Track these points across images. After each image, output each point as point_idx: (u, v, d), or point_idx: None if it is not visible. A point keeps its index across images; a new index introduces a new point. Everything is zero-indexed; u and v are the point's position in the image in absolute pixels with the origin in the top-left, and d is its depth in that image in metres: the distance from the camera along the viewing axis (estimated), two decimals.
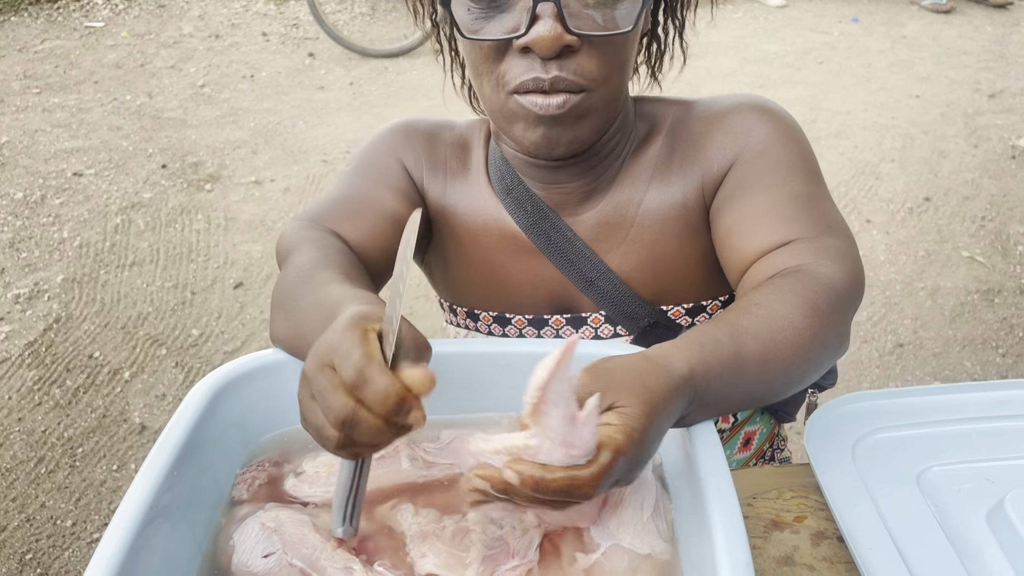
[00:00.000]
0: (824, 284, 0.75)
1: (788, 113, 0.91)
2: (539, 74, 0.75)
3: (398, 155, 0.97)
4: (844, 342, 0.76)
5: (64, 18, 5.63)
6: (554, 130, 0.78)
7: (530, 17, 0.72)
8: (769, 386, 0.70)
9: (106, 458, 2.32)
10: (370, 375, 0.54)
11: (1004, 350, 2.67)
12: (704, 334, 0.68)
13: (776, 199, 0.84)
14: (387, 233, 0.90)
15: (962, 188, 3.55)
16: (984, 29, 5.45)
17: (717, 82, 4.61)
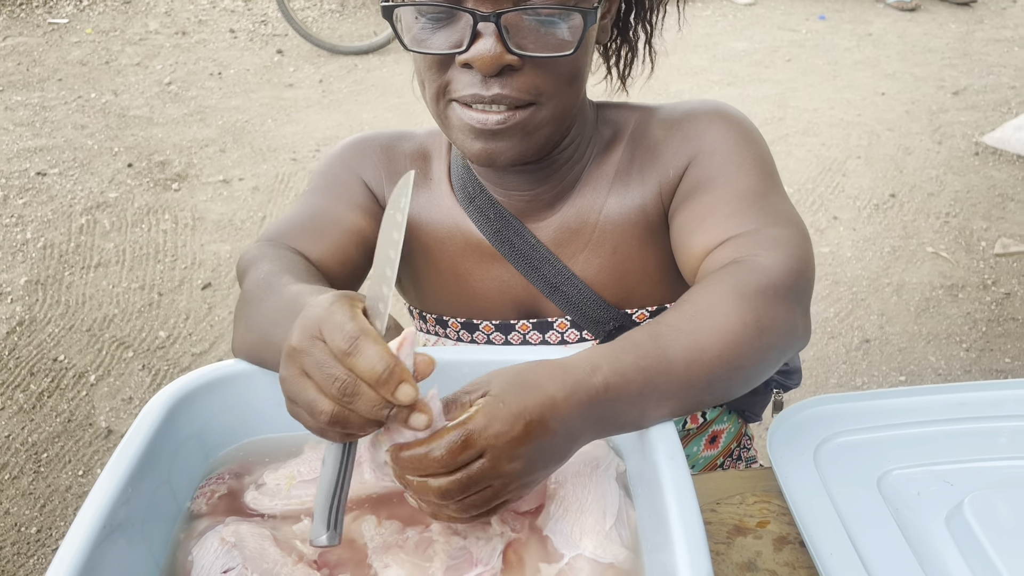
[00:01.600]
0: (756, 271, 0.74)
1: (744, 116, 0.91)
2: (479, 91, 0.74)
3: (356, 171, 0.97)
4: (794, 329, 0.74)
5: (27, 15, 5.53)
6: (493, 143, 0.78)
7: (472, 34, 0.71)
8: (709, 375, 0.68)
9: (71, 463, 2.29)
10: (363, 344, 0.55)
11: (968, 345, 2.72)
12: (623, 337, 0.69)
13: (723, 196, 0.84)
14: (347, 249, 0.90)
15: (927, 184, 3.60)
16: (948, 27, 5.53)
17: (687, 80, 4.64)
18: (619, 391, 0.64)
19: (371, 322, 0.58)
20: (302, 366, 0.57)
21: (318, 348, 0.56)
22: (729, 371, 0.69)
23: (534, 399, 0.59)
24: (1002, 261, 3.11)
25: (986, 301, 2.91)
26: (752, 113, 4.23)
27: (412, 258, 1.00)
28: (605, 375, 0.64)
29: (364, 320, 0.57)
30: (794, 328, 0.74)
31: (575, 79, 0.79)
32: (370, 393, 0.55)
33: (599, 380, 0.63)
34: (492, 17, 0.71)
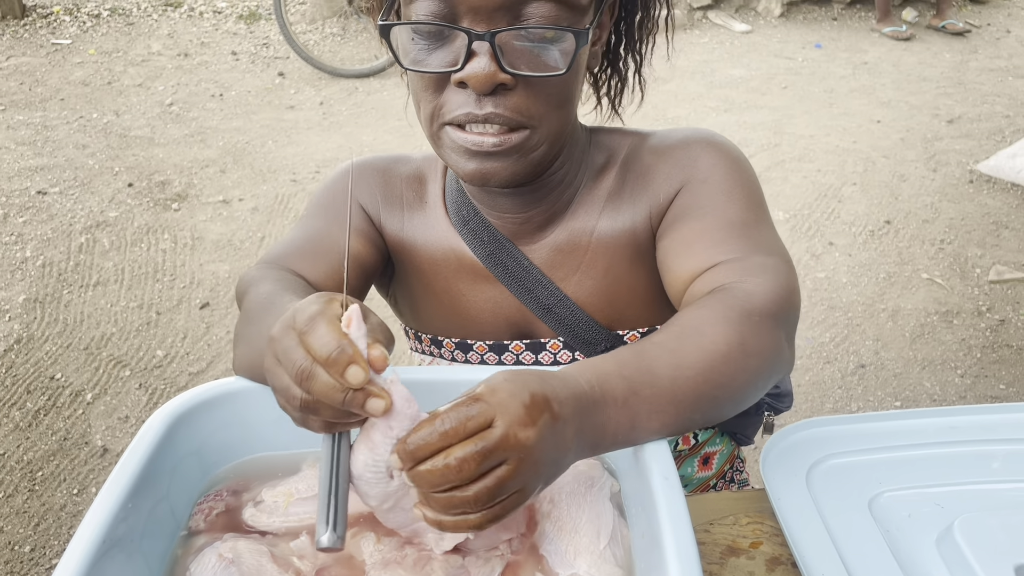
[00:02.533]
0: (742, 296, 0.76)
1: (734, 146, 0.93)
2: (472, 109, 0.76)
3: (354, 194, 0.99)
4: (780, 355, 0.76)
5: (31, 35, 5.58)
6: (487, 164, 0.79)
7: (466, 53, 0.73)
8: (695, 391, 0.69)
9: (66, 482, 2.28)
10: (317, 324, 0.56)
11: (963, 371, 2.73)
12: (611, 354, 0.70)
13: (711, 224, 0.86)
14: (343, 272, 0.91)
15: (922, 211, 3.63)
16: (943, 56, 5.59)
17: (684, 106, 4.68)
18: (603, 394, 0.65)
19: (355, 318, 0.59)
20: (275, 353, 0.59)
21: (288, 335, 0.58)
22: (715, 390, 0.70)
23: (535, 383, 0.60)
24: (996, 288, 3.13)
25: (981, 328, 2.92)
26: (748, 139, 4.27)
27: (407, 279, 1.02)
28: (588, 378, 0.65)
29: (333, 307, 0.58)
30: (779, 353, 0.76)
31: (566, 101, 0.81)
32: (323, 375, 0.56)
33: (584, 381, 0.64)
34: (487, 36, 0.72)
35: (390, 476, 0.61)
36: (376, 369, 0.58)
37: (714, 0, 6.12)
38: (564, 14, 0.75)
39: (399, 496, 0.63)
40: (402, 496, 0.63)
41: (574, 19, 0.76)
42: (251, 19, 5.97)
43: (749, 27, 6.00)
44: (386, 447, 0.60)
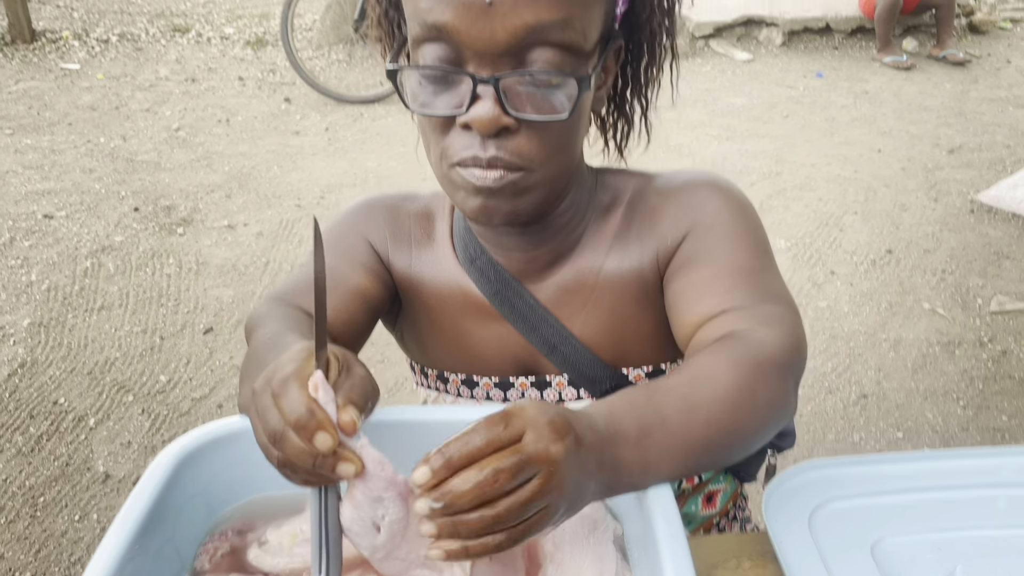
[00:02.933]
0: (753, 345, 0.77)
1: (739, 190, 0.95)
2: (478, 152, 0.77)
3: (362, 231, 1.00)
4: (787, 403, 0.77)
5: (40, 59, 5.64)
6: (491, 201, 0.81)
7: (471, 96, 0.75)
8: (705, 438, 0.70)
9: (68, 508, 2.28)
10: (289, 387, 0.58)
11: (965, 402, 2.73)
12: (620, 394, 0.71)
13: (719, 270, 0.87)
14: (351, 308, 0.92)
15: (923, 241, 3.64)
16: (943, 86, 5.63)
17: (686, 134, 4.71)
18: (618, 432, 0.66)
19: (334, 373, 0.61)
20: (255, 409, 0.61)
21: (265, 393, 0.59)
22: (724, 436, 0.71)
23: (553, 406, 0.61)
24: (998, 319, 3.13)
25: (983, 359, 2.92)
26: (750, 167, 4.30)
27: (415, 315, 1.02)
28: (603, 415, 0.66)
29: (306, 367, 0.59)
30: (787, 402, 0.77)
31: (568, 144, 0.82)
32: (294, 438, 0.57)
33: (599, 418, 0.65)
34: (491, 80, 0.74)
35: (376, 530, 0.63)
36: (346, 433, 0.59)
37: (716, 29, 6.18)
38: (568, 59, 0.76)
39: (390, 548, 0.64)
40: (394, 547, 0.64)
41: (577, 64, 0.78)
42: (258, 45, 6.03)
43: (751, 56, 6.05)
44: (368, 505, 0.61)
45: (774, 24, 6.21)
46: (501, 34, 0.73)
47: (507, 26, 0.72)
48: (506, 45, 0.73)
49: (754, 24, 6.27)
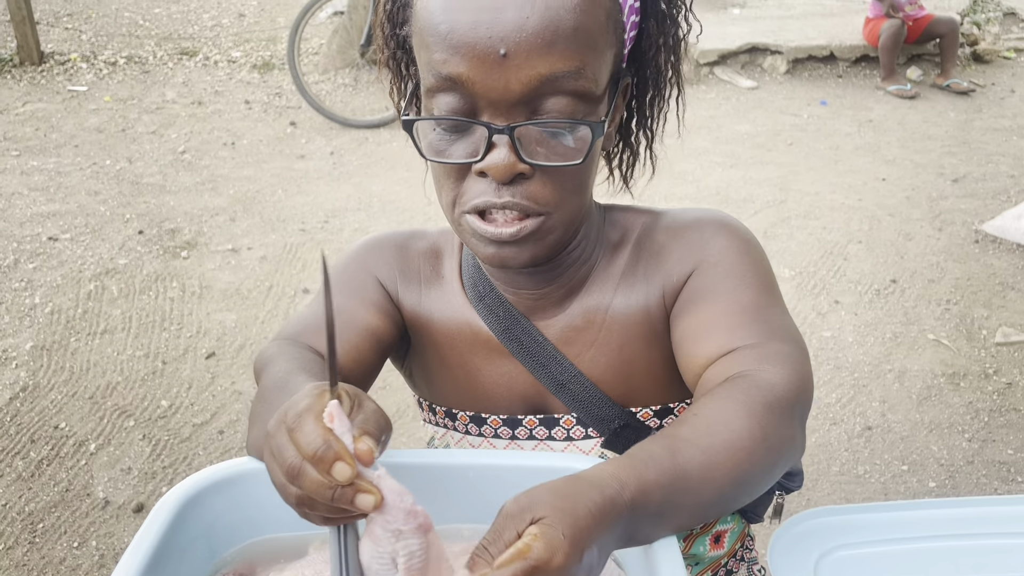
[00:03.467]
0: (764, 387, 0.77)
1: (745, 228, 0.95)
2: (492, 197, 0.78)
3: (371, 269, 1.00)
4: (795, 444, 0.77)
5: (48, 81, 5.68)
6: (505, 250, 0.82)
7: (487, 145, 0.76)
8: (720, 492, 0.70)
9: (67, 534, 2.27)
10: (304, 420, 0.58)
11: (970, 435, 2.71)
12: (640, 449, 0.69)
13: (725, 308, 0.87)
14: (360, 347, 0.92)
15: (927, 271, 3.64)
16: (947, 115, 5.65)
17: (690, 161, 4.73)
18: (643, 509, 0.65)
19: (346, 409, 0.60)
20: (270, 449, 0.60)
21: (280, 431, 0.59)
22: (737, 487, 0.71)
23: (585, 524, 0.59)
24: (1003, 350, 3.12)
25: (988, 391, 2.91)
26: (754, 195, 4.31)
27: (424, 352, 1.02)
28: (632, 492, 0.64)
29: (319, 402, 0.59)
30: (795, 443, 0.77)
31: (582, 187, 0.83)
32: (312, 472, 0.57)
33: (628, 497, 0.64)
34: (506, 130, 0.75)
35: (395, 566, 0.62)
36: (363, 463, 0.58)
37: (721, 56, 6.22)
38: (581, 106, 0.77)
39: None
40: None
41: (589, 110, 0.78)
42: (265, 69, 6.08)
43: (755, 83, 6.08)
44: (387, 540, 0.60)
45: (778, 52, 6.25)
46: (515, 85, 0.74)
47: (521, 77, 0.73)
48: (520, 95, 0.74)
49: (758, 52, 6.31)
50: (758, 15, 7.08)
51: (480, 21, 0.73)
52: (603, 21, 0.77)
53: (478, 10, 0.73)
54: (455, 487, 0.79)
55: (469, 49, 0.73)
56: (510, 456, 0.83)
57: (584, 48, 0.75)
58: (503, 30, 0.72)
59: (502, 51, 0.73)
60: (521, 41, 0.72)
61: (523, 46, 0.73)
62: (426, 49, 0.77)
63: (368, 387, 0.96)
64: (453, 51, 0.74)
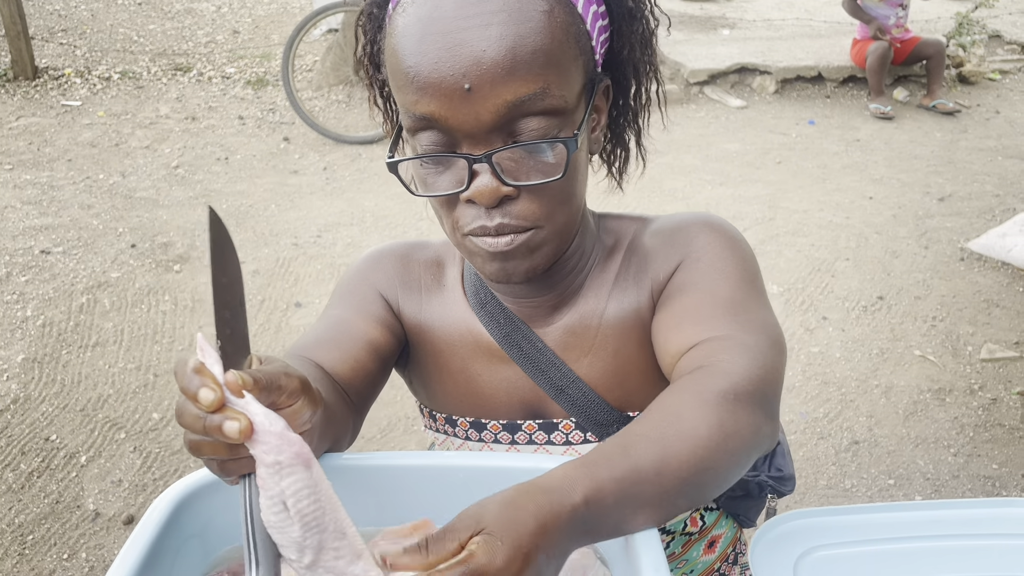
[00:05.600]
0: (719, 376, 0.78)
1: (732, 226, 0.97)
2: (484, 222, 0.82)
3: (371, 282, 1.03)
4: (760, 432, 0.77)
5: (41, 96, 5.70)
6: (508, 263, 0.85)
7: (469, 174, 0.80)
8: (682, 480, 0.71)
9: (57, 546, 2.27)
10: (183, 363, 0.59)
11: (956, 450, 2.74)
12: (595, 450, 0.71)
13: (701, 301, 0.89)
14: (360, 358, 0.94)
15: (914, 288, 3.68)
16: (934, 135, 5.73)
17: (680, 178, 4.77)
18: (597, 504, 0.67)
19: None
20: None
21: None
22: (699, 475, 0.72)
23: (527, 531, 0.61)
24: (988, 366, 3.16)
25: (973, 406, 2.94)
26: (743, 213, 4.35)
27: (424, 360, 1.05)
28: (584, 491, 0.66)
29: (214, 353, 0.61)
30: (758, 431, 0.77)
31: (569, 198, 0.86)
32: (189, 406, 0.59)
33: (579, 497, 0.65)
34: (484, 158, 0.79)
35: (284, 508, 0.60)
36: (232, 391, 0.59)
37: (710, 76, 6.29)
38: (553, 122, 0.80)
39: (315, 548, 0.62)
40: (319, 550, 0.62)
41: (563, 123, 0.81)
42: (258, 85, 6.11)
43: (744, 103, 6.15)
44: (272, 479, 0.60)
45: (767, 72, 6.32)
46: (485, 115, 0.77)
47: (489, 107, 0.76)
48: (492, 124, 0.77)
49: (748, 72, 6.38)
50: (747, 36, 7.16)
51: (441, 60, 0.76)
52: (561, 38, 0.79)
53: (438, 49, 0.76)
54: (447, 489, 0.80)
55: (435, 88, 0.77)
56: (501, 458, 0.85)
57: (545, 68, 0.78)
58: (463, 66, 0.75)
59: (466, 86, 0.76)
60: (482, 73, 0.75)
61: (485, 78, 0.75)
62: (399, 91, 0.81)
63: (372, 394, 0.98)
64: (422, 92, 0.77)
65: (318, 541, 0.61)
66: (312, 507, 0.61)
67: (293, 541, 0.61)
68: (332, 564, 0.62)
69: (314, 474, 0.61)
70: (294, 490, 0.60)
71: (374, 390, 0.98)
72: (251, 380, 0.60)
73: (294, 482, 0.60)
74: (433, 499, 0.80)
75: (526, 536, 0.61)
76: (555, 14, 0.79)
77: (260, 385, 0.60)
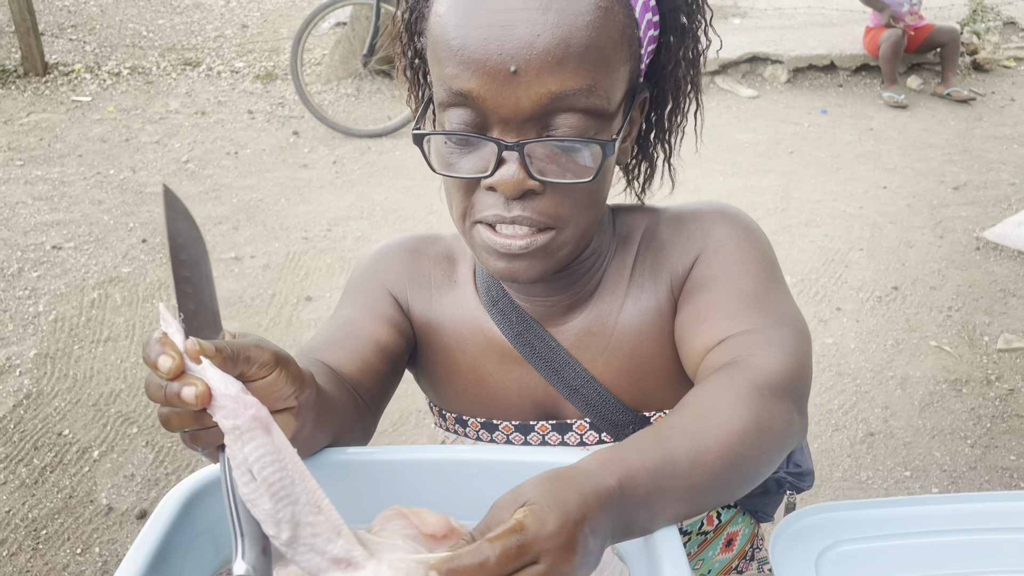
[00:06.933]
0: (754, 371, 0.77)
1: (747, 215, 0.95)
2: (501, 211, 0.79)
3: (379, 279, 1.01)
4: (792, 427, 0.76)
5: (52, 92, 5.71)
6: (515, 264, 0.82)
7: (496, 160, 0.76)
8: (713, 475, 0.69)
9: (70, 541, 2.27)
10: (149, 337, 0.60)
11: (972, 441, 2.71)
12: (629, 439, 0.70)
13: (723, 295, 0.87)
14: (366, 357, 0.92)
15: (929, 278, 3.64)
16: (948, 123, 5.67)
17: (691, 169, 4.73)
18: (631, 491, 0.65)
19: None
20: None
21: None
22: (731, 471, 0.71)
23: (573, 502, 0.59)
24: (1005, 357, 3.12)
25: (990, 397, 2.91)
26: (756, 203, 4.31)
27: (434, 358, 1.02)
28: (618, 477, 0.64)
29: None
30: (791, 425, 0.76)
31: (594, 203, 0.83)
32: (153, 377, 0.58)
33: (613, 480, 0.64)
34: (515, 147, 0.75)
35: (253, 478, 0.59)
36: (190, 358, 0.58)
37: (721, 66, 6.24)
38: (592, 123, 0.77)
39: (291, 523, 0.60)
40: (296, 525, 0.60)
41: (601, 127, 0.78)
42: (268, 79, 6.11)
43: (756, 92, 6.10)
44: (235, 447, 0.59)
45: (779, 61, 6.27)
46: (526, 102, 0.74)
47: (531, 94, 0.73)
48: (531, 112, 0.74)
49: (759, 61, 6.33)
50: (758, 25, 7.10)
51: (491, 37, 0.73)
52: (616, 38, 0.76)
53: (490, 26, 0.73)
54: (458, 482, 0.79)
55: (480, 65, 0.74)
56: (514, 452, 0.83)
57: (596, 66, 0.75)
58: (514, 47, 0.73)
59: (512, 68, 0.73)
60: (532, 58, 0.73)
61: (534, 63, 0.73)
62: (438, 63, 0.77)
63: (386, 396, 0.97)
64: (464, 67, 0.74)
65: (291, 514, 0.60)
66: (278, 475, 0.59)
67: (267, 515, 0.60)
68: (311, 541, 0.61)
69: (275, 439, 0.60)
70: (257, 456, 0.59)
71: (386, 389, 0.96)
72: (212, 348, 0.59)
73: (256, 448, 0.59)
74: (445, 494, 0.79)
75: (572, 505, 0.59)
76: (614, 13, 0.76)
77: (224, 354, 0.59)
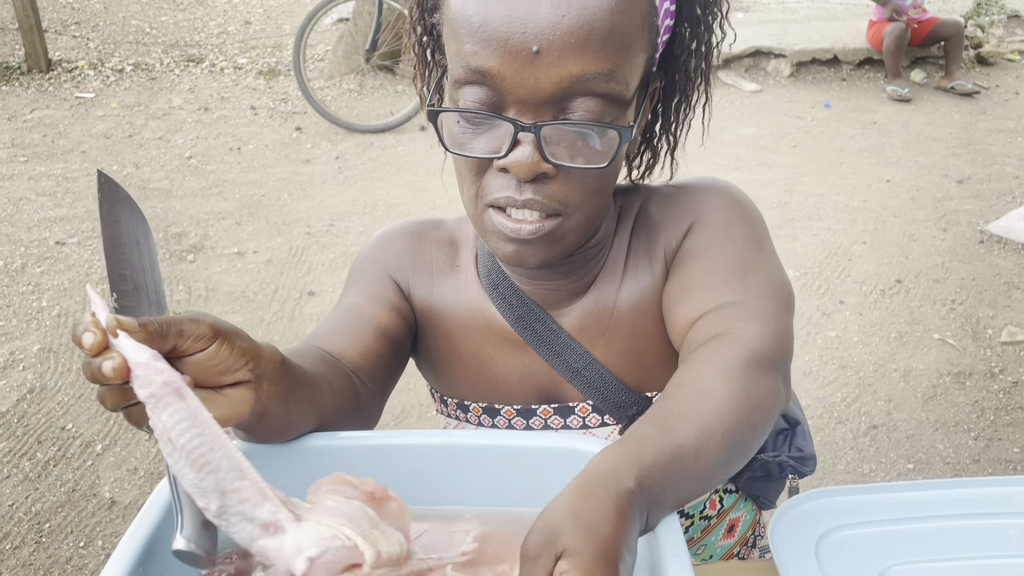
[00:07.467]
0: (739, 344, 0.77)
1: (738, 189, 0.95)
2: (513, 194, 0.78)
3: (381, 264, 1.01)
4: (778, 397, 0.77)
5: (55, 88, 5.72)
6: (524, 248, 0.81)
7: (511, 142, 0.75)
8: (716, 459, 0.69)
9: (73, 534, 2.28)
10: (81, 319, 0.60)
11: (976, 433, 2.70)
12: (635, 432, 0.69)
13: (710, 266, 0.88)
14: (367, 342, 0.92)
15: (932, 271, 3.63)
16: (952, 117, 5.65)
17: (694, 163, 4.71)
18: (649, 489, 0.64)
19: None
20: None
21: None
22: (732, 451, 0.71)
23: (608, 538, 0.58)
24: (1009, 350, 3.11)
25: (994, 390, 2.90)
26: (759, 197, 4.28)
27: (436, 343, 1.02)
28: (635, 476, 0.63)
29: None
30: (778, 397, 0.77)
31: (602, 190, 0.83)
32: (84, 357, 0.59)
33: (632, 483, 0.63)
34: (532, 128, 0.74)
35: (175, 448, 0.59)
36: (109, 331, 0.58)
37: (724, 60, 6.23)
38: (609, 109, 0.76)
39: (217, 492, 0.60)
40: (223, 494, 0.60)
41: (618, 113, 0.78)
42: (270, 75, 6.11)
43: (759, 87, 6.09)
44: (155, 415, 0.59)
45: (782, 55, 6.26)
46: (545, 83, 0.73)
47: (552, 76, 0.73)
48: (549, 94, 0.74)
49: (762, 55, 6.32)
50: (762, 19, 7.08)
51: (515, 16, 0.72)
52: (638, 24, 0.76)
53: (514, 4, 0.72)
54: (456, 466, 0.79)
55: (501, 43, 0.73)
56: (511, 436, 0.83)
57: (617, 50, 0.74)
58: (537, 27, 0.72)
59: (535, 48, 0.72)
60: (555, 39, 0.72)
61: (556, 44, 0.72)
62: (456, 39, 0.76)
63: (391, 380, 0.97)
64: (485, 44, 0.73)
65: (215, 483, 0.60)
66: (195, 440, 0.59)
67: (194, 486, 0.60)
68: (240, 509, 0.61)
69: (190, 404, 0.59)
70: (173, 423, 0.58)
71: (390, 374, 0.96)
72: (134, 323, 0.58)
73: (171, 414, 0.58)
74: (447, 478, 0.79)
75: (609, 543, 0.58)
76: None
77: (149, 329, 0.59)
